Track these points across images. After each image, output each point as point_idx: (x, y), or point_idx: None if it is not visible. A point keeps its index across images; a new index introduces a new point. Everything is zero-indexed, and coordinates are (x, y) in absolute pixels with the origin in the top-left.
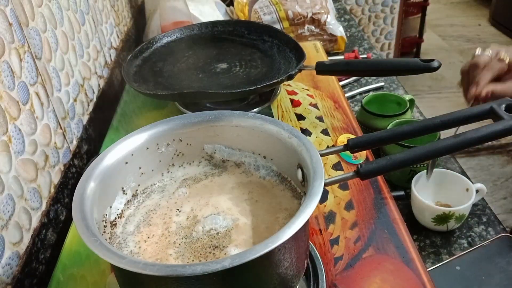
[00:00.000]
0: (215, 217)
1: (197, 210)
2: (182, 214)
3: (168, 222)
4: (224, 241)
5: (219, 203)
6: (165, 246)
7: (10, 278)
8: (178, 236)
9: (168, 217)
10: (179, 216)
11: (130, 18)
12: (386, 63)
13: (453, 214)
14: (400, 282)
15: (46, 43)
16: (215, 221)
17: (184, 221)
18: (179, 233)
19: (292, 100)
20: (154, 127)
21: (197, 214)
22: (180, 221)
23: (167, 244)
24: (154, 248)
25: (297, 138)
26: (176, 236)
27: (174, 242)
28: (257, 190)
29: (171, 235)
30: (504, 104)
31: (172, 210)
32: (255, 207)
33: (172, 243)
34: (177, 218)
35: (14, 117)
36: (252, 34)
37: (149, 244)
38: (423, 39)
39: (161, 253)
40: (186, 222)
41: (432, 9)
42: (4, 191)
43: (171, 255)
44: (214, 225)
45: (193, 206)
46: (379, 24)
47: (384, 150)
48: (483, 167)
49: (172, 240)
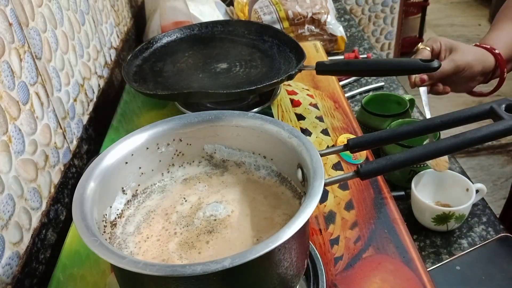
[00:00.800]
0: (216, 205)
1: (204, 197)
2: (187, 203)
3: (171, 213)
4: (220, 227)
5: (223, 196)
6: (165, 241)
7: (10, 278)
8: (179, 226)
9: (173, 207)
10: (183, 205)
11: (130, 18)
12: (386, 63)
13: (453, 214)
14: (400, 282)
15: (46, 43)
16: (215, 208)
17: (187, 210)
18: (180, 222)
19: (292, 100)
20: (154, 127)
21: (202, 201)
22: (182, 210)
23: (167, 237)
24: (155, 246)
25: (297, 138)
26: (177, 226)
27: (175, 233)
28: (258, 190)
29: (172, 225)
30: (504, 104)
31: (177, 201)
32: (256, 204)
33: (173, 234)
34: (181, 208)
35: (14, 117)
36: (252, 34)
37: (149, 244)
38: (423, 39)
39: (161, 251)
40: (189, 210)
41: (432, 9)
42: (4, 191)
43: (173, 252)
44: (214, 211)
45: (200, 196)
46: (379, 24)
47: (384, 150)
48: (483, 167)
49: (172, 231)
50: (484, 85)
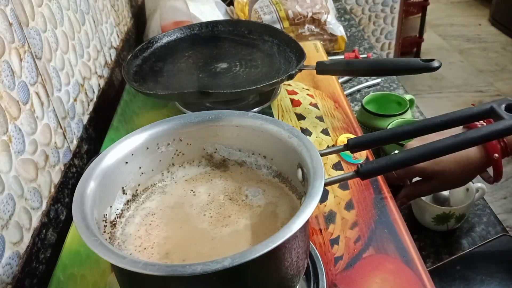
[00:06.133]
0: (216, 205)
1: (204, 197)
2: (187, 203)
3: (171, 213)
4: (220, 226)
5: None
6: (165, 240)
7: (10, 277)
8: (179, 226)
9: (173, 207)
10: (183, 205)
11: (130, 17)
12: (387, 62)
13: (453, 214)
14: (400, 282)
15: (46, 43)
16: (215, 208)
17: (187, 210)
18: (180, 222)
19: (292, 100)
20: (154, 127)
21: (202, 201)
22: (182, 210)
23: (167, 237)
24: (155, 246)
25: (297, 138)
26: (177, 226)
27: (175, 233)
28: (258, 189)
29: (172, 225)
30: (504, 104)
31: (177, 201)
32: (255, 203)
33: (173, 234)
34: (181, 207)
35: (14, 117)
36: (252, 34)
37: (149, 244)
38: (423, 39)
39: (161, 250)
40: (189, 210)
41: (432, 9)
42: (4, 191)
43: (173, 252)
44: (214, 211)
45: (200, 196)
46: (379, 23)
47: (384, 150)
48: None
49: (172, 231)
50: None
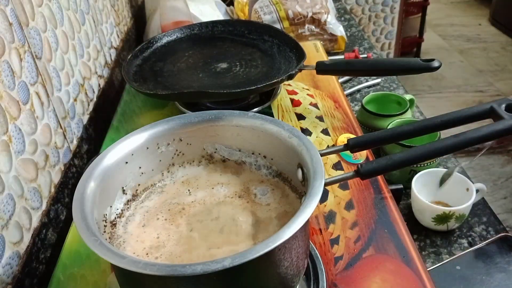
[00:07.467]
0: (216, 205)
1: (204, 197)
2: (187, 203)
3: (171, 213)
4: (220, 226)
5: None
6: (165, 240)
7: (10, 277)
8: (179, 226)
9: (173, 207)
10: (183, 205)
11: (130, 17)
12: (387, 62)
13: (453, 214)
14: (400, 282)
15: (46, 43)
16: (215, 208)
17: (187, 210)
18: (179, 222)
19: (292, 99)
20: (154, 127)
21: (202, 201)
22: (182, 210)
23: (167, 237)
24: (155, 245)
25: (297, 138)
26: (177, 226)
27: (175, 232)
28: (267, 188)
29: (171, 225)
30: (504, 104)
31: (178, 201)
32: (256, 203)
33: (173, 234)
34: (181, 208)
35: (14, 117)
36: (252, 34)
37: (149, 244)
38: (423, 39)
39: (161, 250)
40: (189, 210)
41: (432, 9)
42: (5, 191)
43: (173, 252)
44: (214, 211)
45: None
46: (379, 23)
47: (384, 150)
48: (483, 167)
49: (172, 231)
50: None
